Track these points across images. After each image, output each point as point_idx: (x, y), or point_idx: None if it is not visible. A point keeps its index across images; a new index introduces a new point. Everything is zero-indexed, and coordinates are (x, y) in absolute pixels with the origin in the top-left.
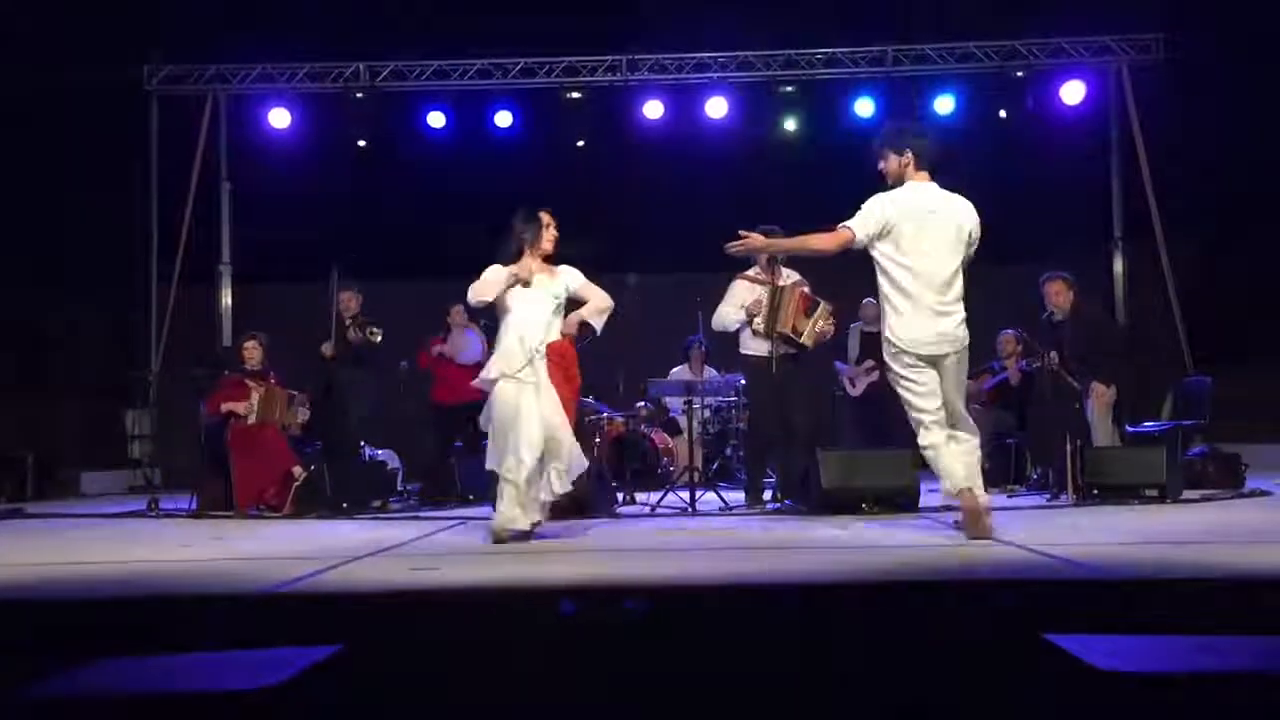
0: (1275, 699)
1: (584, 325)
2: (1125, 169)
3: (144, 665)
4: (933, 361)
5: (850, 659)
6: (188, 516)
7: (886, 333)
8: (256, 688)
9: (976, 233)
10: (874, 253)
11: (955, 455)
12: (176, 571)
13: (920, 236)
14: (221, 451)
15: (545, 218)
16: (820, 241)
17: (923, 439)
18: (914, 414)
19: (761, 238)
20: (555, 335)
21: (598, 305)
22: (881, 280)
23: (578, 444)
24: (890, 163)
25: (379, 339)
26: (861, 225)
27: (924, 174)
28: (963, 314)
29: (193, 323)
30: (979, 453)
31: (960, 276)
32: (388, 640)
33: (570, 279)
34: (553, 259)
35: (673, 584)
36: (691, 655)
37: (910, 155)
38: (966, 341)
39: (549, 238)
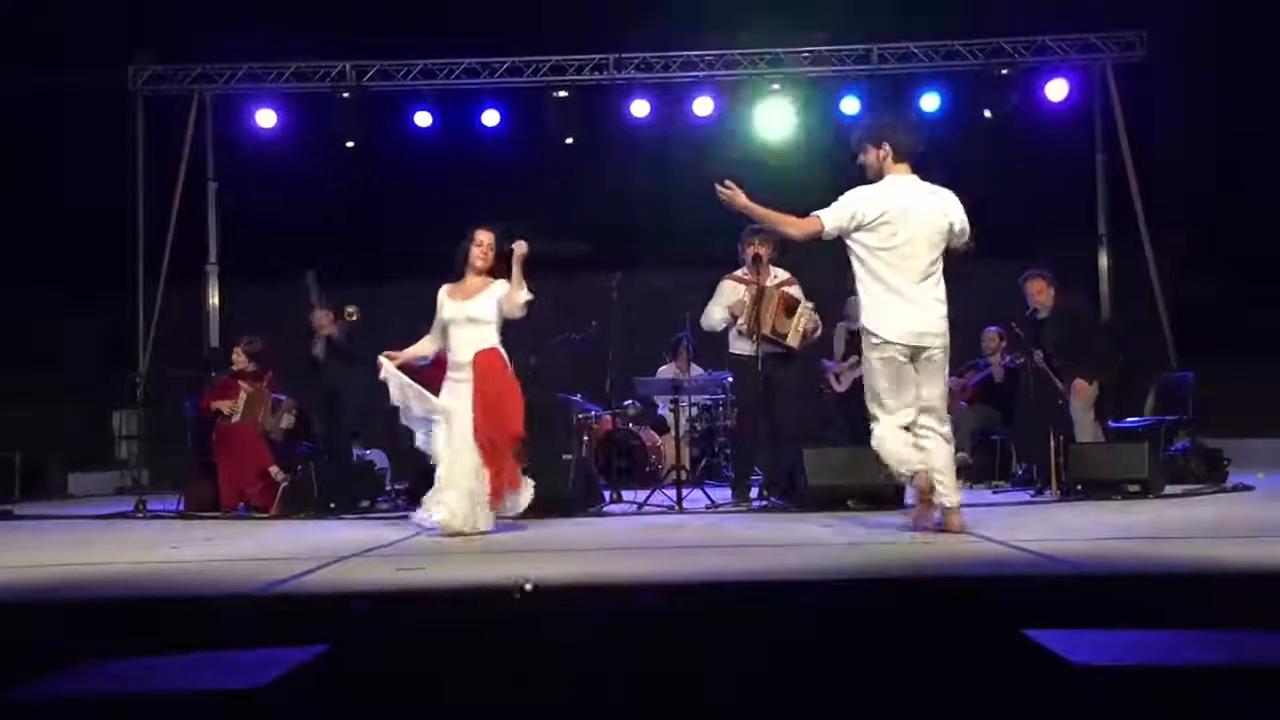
0: (1251, 693)
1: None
2: (1110, 166)
3: (131, 667)
4: (912, 355)
5: (829, 655)
6: (175, 517)
7: (865, 323)
8: (243, 688)
9: (962, 224)
10: (852, 244)
11: (904, 441)
12: (164, 573)
13: (898, 228)
14: (208, 451)
15: (478, 235)
16: (791, 225)
17: (875, 429)
18: (874, 405)
19: (744, 197)
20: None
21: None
22: (860, 271)
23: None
24: (869, 156)
25: (355, 317)
26: (833, 217)
27: (903, 166)
28: (944, 307)
29: (180, 323)
30: (950, 448)
31: (939, 269)
32: (373, 640)
33: (498, 290)
34: (494, 273)
35: (658, 581)
36: (675, 652)
37: (888, 148)
38: (947, 336)
39: (478, 255)
